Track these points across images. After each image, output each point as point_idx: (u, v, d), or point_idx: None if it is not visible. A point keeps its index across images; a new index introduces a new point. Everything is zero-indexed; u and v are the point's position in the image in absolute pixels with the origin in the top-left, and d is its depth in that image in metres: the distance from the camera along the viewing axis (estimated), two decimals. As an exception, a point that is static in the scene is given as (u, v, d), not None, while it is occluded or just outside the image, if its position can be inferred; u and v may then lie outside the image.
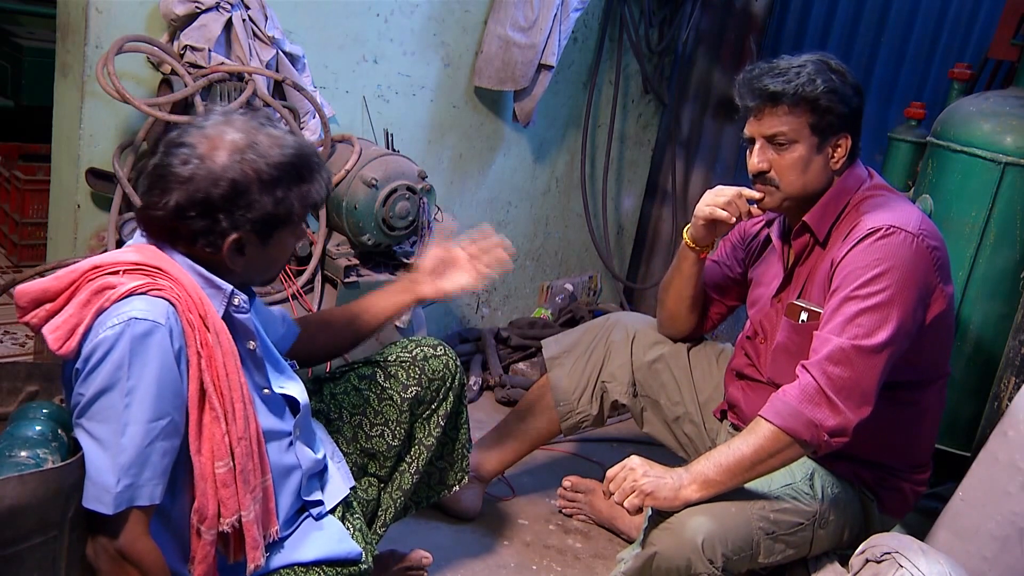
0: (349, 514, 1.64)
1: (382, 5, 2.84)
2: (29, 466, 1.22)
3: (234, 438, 1.34)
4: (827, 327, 1.75)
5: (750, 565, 1.80)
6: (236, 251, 1.38)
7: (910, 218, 1.79)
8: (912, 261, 1.73)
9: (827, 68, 1.82)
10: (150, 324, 1.27)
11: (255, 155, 1.34)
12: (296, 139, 1.41)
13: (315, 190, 1.42)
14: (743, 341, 2.10)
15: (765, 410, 1.73)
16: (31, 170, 3.29)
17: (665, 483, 1.70)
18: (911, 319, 1.74)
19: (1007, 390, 1.97)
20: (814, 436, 1.68)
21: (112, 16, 2.35)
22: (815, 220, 1.89)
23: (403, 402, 1.79)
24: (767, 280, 2.05)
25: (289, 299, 2.45)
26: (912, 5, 4.06)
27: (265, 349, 1.52)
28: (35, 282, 1.32)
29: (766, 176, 1.86)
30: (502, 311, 3.68)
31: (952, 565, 1.69)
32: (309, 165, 1.40)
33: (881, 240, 1.74)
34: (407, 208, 2.52)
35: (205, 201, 1.32)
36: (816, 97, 1.79)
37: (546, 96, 3.24)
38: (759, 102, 1.82)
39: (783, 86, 1.79)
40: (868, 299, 1.71)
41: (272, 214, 1.36)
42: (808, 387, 1.70)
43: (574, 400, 2.31)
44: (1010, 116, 2.41)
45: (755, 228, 2.13)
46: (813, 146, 1.83)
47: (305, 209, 1.42)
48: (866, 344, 1.69)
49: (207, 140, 1.34)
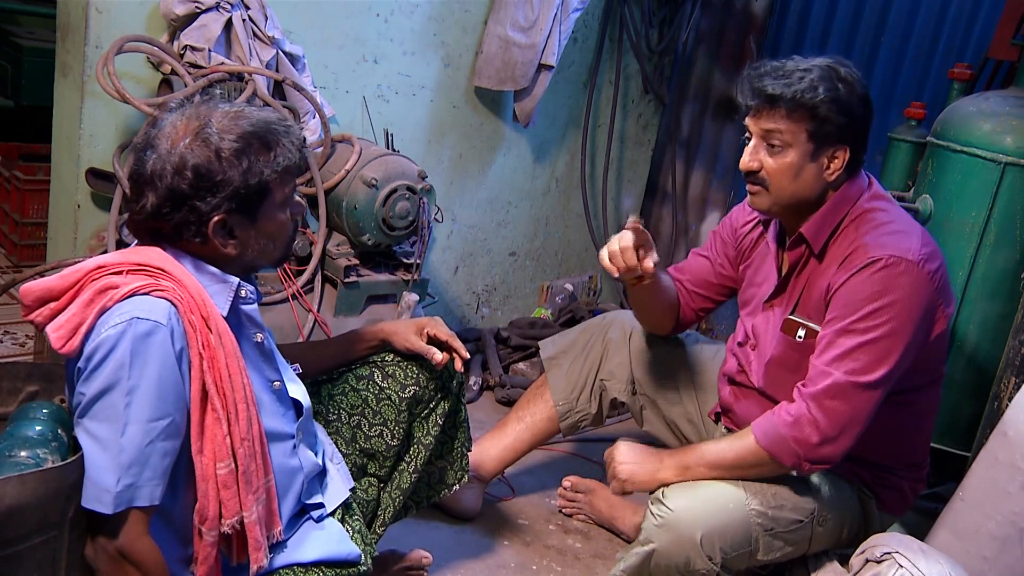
0: (349, 515, 1.64)
1: (382, 5, 2.84)
2: (29, 466, 1.22)
3: (236, 439, 1.34)
4: (823, 357, 1.74)
5: (749, 562, 1.80)
6: (225, 234, 1.37)
7: (911, 243, 1.74)
8: (913, 293, 1.71)
9: (834, 76, 1.76)
10: (152, 324, 1.27)
11: (210, 135, 1.33)
12: (253, 108, 1.41)
13: (282, 154, 1.38)
14: (734, 347, 2.07)
15: (757, 425, 1.78)
16: (31, 170, 3.29)
17: (643, 468, 1.82)
18: (909, 350, 1.73)
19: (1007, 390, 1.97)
20: (796, 464, 1.75)
21: (112, 16, 2.35)
22: (812, 232, 1.84)
23: (401, 401, 1.79)
24: (759, 281, 2.02)
25: (289, 299, 2.45)
26: (912, 5, 4.07)
27: (273, 348, 1.53)
28: (40, 281, 1.32)
29: (757, 176, 1.82)
30: (502, 311, 3.68)
31: (952, 565, 1.69)
32: (270, 130, 1.38)
33: (881, 272, 1.71)
34: (407, 208, 2.52)
35: (175, 193, 1.32)
36: (815, 105, 1.73)
37: (546, 96, 3.24)
38: (758, 101, 1.79)
39: (782, 89, 1.74)
40: (867, 333, 1.71)
41: (245, 187, 1.34)
42: (802, 418, 1.73)
43: (573, 399, 2.31)
44: (1010, 116, 2.41)
45: (747, 226, 2.09)
46: (807, 153, 1.77)
47: (281, 176, 1.39)
48: (863, 381, 1.71)
49: (164, 136, 1.34)
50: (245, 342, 1.44)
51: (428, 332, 1.79)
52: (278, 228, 1.44)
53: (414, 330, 1.79)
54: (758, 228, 2.05)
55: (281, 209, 1.43)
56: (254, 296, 1.45)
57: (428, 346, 1.77)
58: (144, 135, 1.38)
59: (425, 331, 1.79)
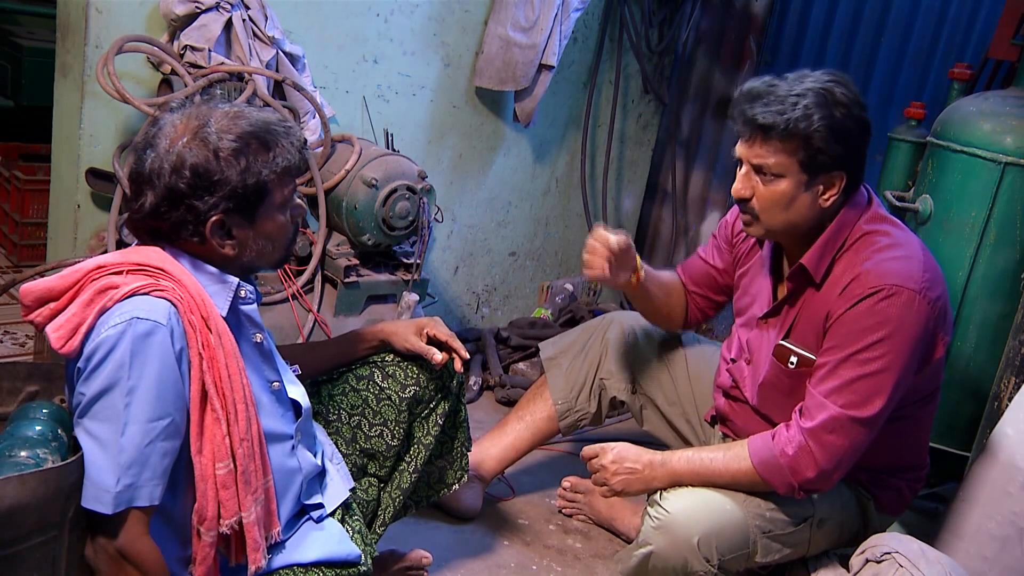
0: (348, 516, 1.64)
1: (382, 5, 2.84)
2: (29, 466, 1.22)
3: (236, 439, 1.34)
4: (822, 387, 1.72)
5: (747, 564, 1.80)
6: (223, 234, 1.37)
7: (912, 269, 1.71)
8: (913, 324, 1.68)
9: (829, 101, 1.67)
10: (152, 324, 1.27)
11: (209, 134, 1.33)
12: (253, 108, 1.41)
13: (281, 155, 1.38)
14: (727, 361, 2.04)
15: (754, 451, 1.77)
16: (31, 170, 3.29)
17: (637, 478, 1.81)
18: (907, 380, 1.73)
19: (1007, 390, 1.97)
20: (788, 490, 1.76)
21: (112, 16, 2.35)
22: (813, 264, 1.78)
23: (401, 402, 1.79)
24: (752, 292, 2.00)
25: (289, 299, 2.45)
26: (912, 5, 4.06)
27: (272, 348, 1.53)
28: (40, 281, 1.32)
29: (748, 204, 1.77)
30: (502, 311, 3.68)
31: (952, 565, 1.69)
32: (269, 131, 1.38)
33: (883, 302, 1.68)
34: (407, 208, 2.52)
35: (173, 192, 1.32)
36: (809, 135, 1.66)
37: (546, 96, 3.24)
38: (749, 130, 1.71)
39: (774, 118, 1.66)
40: (866, 365, 1.69)
41: (243, 187, 1.34)
42: (801, 450, 1.72)
43: (572, 398, 2.31)
44: (1010, 116, 2.41)
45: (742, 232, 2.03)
46: (800, 183, 1.71)
47: (280, 176, 1.39)
48: (861, 416, 1.70)
49: (164, 136, 1.34)
50: (244, 342, 1.44)
51: (428, 332, 1.79)
52: (277, 229, 1.43)
53: (414, 330, 1.79)
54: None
55: (280, 210, 1.42)
56: (253, 296, 1.45)
57: (428, 346, 1.77)
58: (144, 134, 1.38)
59: (425, 331, 1.79)
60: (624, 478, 1.82)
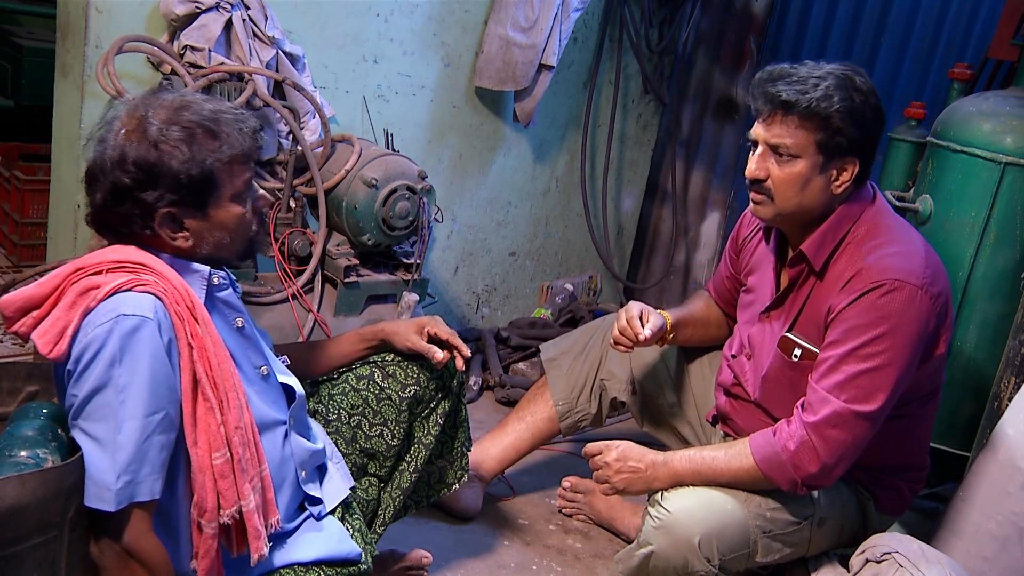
0: (349, 515, 1.64)
1: (382, 5, 2.84)
2: (29, 466, 1.22)
3: (230, 428, 1.34)
4: (825, 381, 1.73)
5: (747, 564, 1.80)
6: (175, 227, 1.36)
7: (915, 264, 1.72)
8: (915, 319, 1.69)
9: (849, 85, 1.70)
10: (138, 319, 1.26)
11: (150, 127, 1.32)
12: (202, 97, 1.39)
13: (227, 143, 1.36)
14: (728, 358, 2.05)
15: (756, 447, 1.77)
16: (31, 170, 3.29)
17: (638, 478, 1.80)
18: (909, 376, 1.73)
19: (1007, 390, 1.97)
20: (790, 486, 1.76)
21: (112, 16, 2.35)
22: (812, 250, 1.80)
23: (402, 401, 1.79)
24: (757, 287, 2.00)
25: (289, 299, 2.45)
26: (912, 5, 4.07)
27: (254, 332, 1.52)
28: (18, 291, 1.31)
29: (762, 185, 1.78)
30: (502, 311, 3.68)
31: (952, 565, 1.69)
32: (216, 120, 1.36)
33: (885, 297, 1.68)
34: (407, 208, 2.52)
35: (117, 186, 1.32)
36: (829, 115, 1.68)
37: (546, 96, 3.24)
38: (770, 107, 1.72)
39: (797, 96, 1.68)
40: (868, 360, 1.69)
41: (187, 177, 1.33)
42: (804, 446, 1.72)
43: (573, 399, 2.31)
44: (1010, 116, 2.41)
45: (750, 237, 2.07)
46: (816, 165, 1.73)
47: (228, 165, 1.37)
48: (864, 410, 1.70)
49: (112, 131, 1.34)
50: (225, 329, 1.44)
51: (428, 331, 1.79)
52: (233, 219, 1.41)
53: (414, 329, 1.79)
54: (759, 234, 2.03)
55: (236, 200, 1.40)
56: (227, 281, 1.44)
57: (429, 345, 1.77)
58: (97, 129, 1.37)
59: (425, 330, 1.79)
60: (627, 477, 1.82)
